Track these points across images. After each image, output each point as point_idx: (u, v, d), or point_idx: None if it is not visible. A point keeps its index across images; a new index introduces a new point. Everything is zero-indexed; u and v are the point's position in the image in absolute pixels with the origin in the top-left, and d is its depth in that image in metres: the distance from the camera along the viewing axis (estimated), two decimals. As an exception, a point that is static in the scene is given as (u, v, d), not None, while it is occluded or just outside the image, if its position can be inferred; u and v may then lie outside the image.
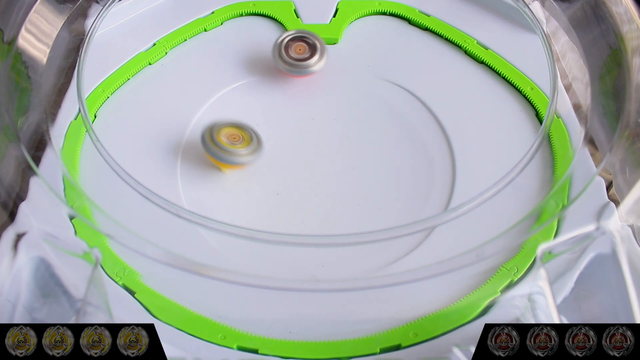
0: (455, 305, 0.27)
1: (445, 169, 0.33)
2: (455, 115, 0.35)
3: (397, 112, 0.35)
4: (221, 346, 0.26)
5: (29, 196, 0.29)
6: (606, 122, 0.32)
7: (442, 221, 0.29)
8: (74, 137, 0.33)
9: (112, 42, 0.38)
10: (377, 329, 0.27)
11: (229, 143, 0.32)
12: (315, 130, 0.35)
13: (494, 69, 0.37)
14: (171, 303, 0.27)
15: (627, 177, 0.30)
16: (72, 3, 0.38)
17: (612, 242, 0.27)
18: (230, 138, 0.32)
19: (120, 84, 0.36)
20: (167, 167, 0.33)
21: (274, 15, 0.40)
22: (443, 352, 0.26)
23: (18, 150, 0.30)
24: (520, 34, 0.38)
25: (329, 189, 0.32)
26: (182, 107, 0.35)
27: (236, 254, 0.29)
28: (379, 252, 0.30)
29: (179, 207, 0.28)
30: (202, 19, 0.40)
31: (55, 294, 0.27)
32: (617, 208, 0.28)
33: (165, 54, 0.38)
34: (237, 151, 0.31)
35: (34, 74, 0.34)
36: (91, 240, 0.28)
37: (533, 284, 0.27)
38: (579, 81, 0.35)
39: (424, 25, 0.39)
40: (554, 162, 0.32)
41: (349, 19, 0.40)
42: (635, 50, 0.33)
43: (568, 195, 0.30)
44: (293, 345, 0.26)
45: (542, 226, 0.29)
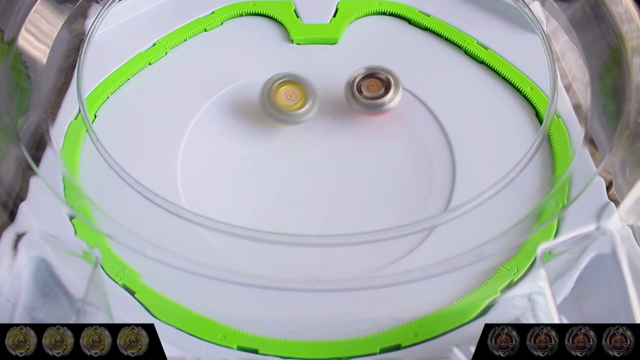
0: (455, 305, 0.27)
1: (445, 169, 0.33)
2: (455, 115, 0.35)
3: (397, 112, 0.35)
4: (221, 346, 0.26)
5: (29, 196, 0.29)
6: (606, 122, 0.32)
7: (442, 221, 0.29)
8: (74, 137, 0.33)
9: (112, 42, 0.38)
10: (377, 329, 0.27)
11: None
12: (315, 130, 0.35)
13: (494, 69, 0.37)
14: (171, 303, 0.27)
15: (627, 177, 0.30)
16: (72, 3, 0.38)
17: (612, 242, 0.27)
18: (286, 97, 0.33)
19: (120, 84, 0.36)
20: (167, 167, 0.33)
21: (274, 15, 0.40)
22: (443, 352, 0.26)
23: (18, 150, 0.30)
24: (520, 34, 0.38)
25: (329, 189, 0.32)
26: (182, 107, 0.35)
27: (236, 254, 0.29)
28: (379, 252, 0.30)
29: (179, 207, 0.28)
30: (202, 19, 0.40)
31: (55, 294, 0.27)
32: (617, 208, 0.28)
33: (165, 54, 0.38)
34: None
35: (34, 74, 0.34)
36: (91, 240, 0.28)
37: (533, 284, 0.27)
38: (579, 81, 0.35)
39: (424, 25, 0.39)
40: (554, 162, 0.32)
41: (349, 19, 0.40)
42: (635, 50, 0.33)
43: (568, 195, 0.30)
44: (293, 345, 0.26)
45: (542, 226, 0.29)
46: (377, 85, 0.34)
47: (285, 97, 0.34)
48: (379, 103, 0.34)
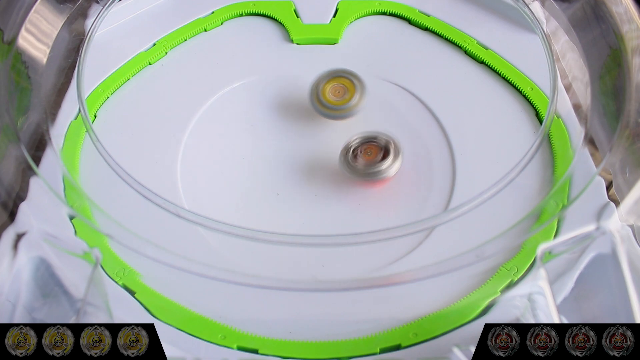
0: (455, 305, 0.27)
1: (445, 169, 0.33)
2: (455, 115, 0.35)
3: (397, 112, 0.35)
4: (221, 346, 0.26)
5: (29, 196, 0.29)
6: (606, 122, 0.32)
7: (442, 221, 0.29)
8: (74, 137, 0.33)
9: (112, 42, 0.38)
10: (377, 329, 0.27)
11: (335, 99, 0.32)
12: (315, 130, 0.35)
13: (494, 69, 0.37)
14: (171, 303, 0.27)
15: (627, 177, 0.30)
16: (72, 3, 0.38)
17: (612, 242, 0.27)
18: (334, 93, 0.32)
19: (120, 84, 0.36)
20: (167, 167, 0.33)
21: (274, 15, 0.40)
22: (443, 352, 0.26)
23: (18, 150, 0.30)
24: (520, 34, 0.38)
25: (329, 189, 0.32)
26: (182, 107, 0.35)
27: (236, 254, 0.29)
28: (379, 252, 0.30)
29: (179, 207, 0.28)
30: (202, 19, 0.40)
31: (55, 294, 0.27)
32: (617, 208, 0.28)
33: (165, 54, 0.38)
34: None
35: (34, 74, 0.34)
36: (91, 240, 0.28)
37: (533, 284, 0.27)
38: (579, 81, 0.35)
39: (424, 25, 0.39)
40: (554, 162, 0.32)
41: (349, 19, 0.40)
42: (635, 50, 0.33)
43: (568, 195, 0.30)
44: (293, 345, 0.26)
45: (542, 226, 0.29)
46: (374, 151, 0.32)
47: (333, 93, 0.34)
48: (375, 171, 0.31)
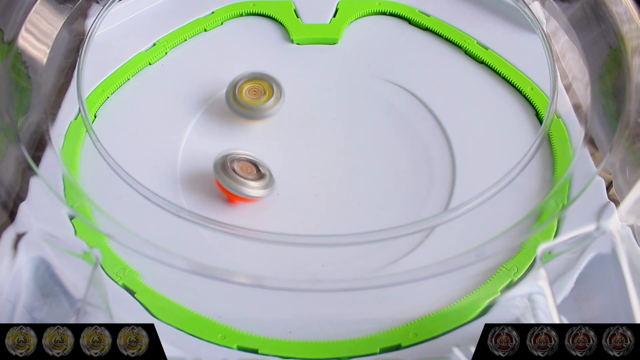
0: (455, 305, 0.27)
1: (445, 169, 0.33)
2: (455, 115, 0.35)
3: (397, 112, 0.35)
4: (221, 346, 0.26)
5: (29, 196, 0.29)
6: (606, 122, 0.32)
7: (442, 221, 0.29)
8: (74, 137, 0.33)
9: (112, 42, 0.38)
10: (377, 329, 0.27)
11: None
12: (315, 130, 0.35)
13: (494, 69, 0.37)
14: (171, 303, 0.27)
15: (627, 177, 0.30)
16: (72, 3, 0.38)
17: (612, 242, 0.27)
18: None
19: (120, 84, 0.36)
20: (167, 167, 0.33)
21: (274, 15, 0.40)
22: (443, 352, 0.26)
23: (18, 150, 0.30)
24: (520, 34, 0.38)
25: (329, 189, 0.32)
26: (182, 107, 0.35)
27: (236, 254, 0.29)
28: (379, 252, 0.30)
29: (179, 207, 0.28)
30: (202, 19, 0.40)
31: (55, 294, 0.27)
32: (617, 208, 0.28)
33: (165, 54, 0.38)
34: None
35: (34, 74, 0.34)
36: (91, 240, 0.28)
37: (533, 284, 0.27)
38: (579, 81, 0.35)
39: (424, 25, 0.39)
40: (554, 162, 0.32)
41: (349, 19, 0.40)
42: (635, 50, 0.33)
43: (568, 195, 0.30)
44: (293, 345, 0.26)
45: (542, 226, 0.29)
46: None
47: (250, 94, 0.34)
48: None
